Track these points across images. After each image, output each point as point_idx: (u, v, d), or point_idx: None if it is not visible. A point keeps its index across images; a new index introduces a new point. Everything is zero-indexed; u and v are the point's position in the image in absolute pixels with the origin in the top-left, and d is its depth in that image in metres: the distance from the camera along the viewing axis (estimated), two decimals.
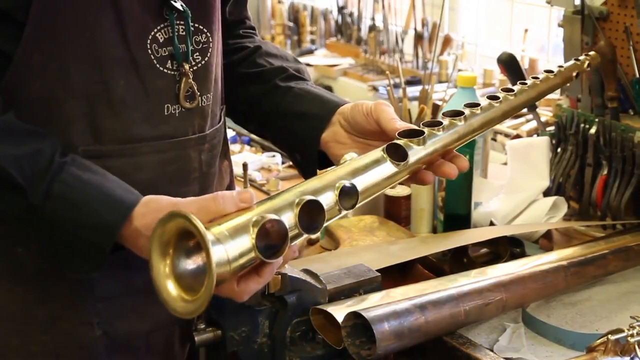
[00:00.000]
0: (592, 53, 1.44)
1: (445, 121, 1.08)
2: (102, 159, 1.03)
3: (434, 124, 1.07)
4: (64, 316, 1.07)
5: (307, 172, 1.22)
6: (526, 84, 1.22)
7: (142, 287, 1.10)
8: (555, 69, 1.31)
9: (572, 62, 1.37)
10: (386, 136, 1.07)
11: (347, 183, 0.95)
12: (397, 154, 1.01)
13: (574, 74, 1.35)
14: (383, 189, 1.01)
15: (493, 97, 1.16)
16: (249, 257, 0.86)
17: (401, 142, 1.03)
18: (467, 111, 1.11)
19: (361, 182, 0.97)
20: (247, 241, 0.85)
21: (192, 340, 1.11)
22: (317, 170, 1.20)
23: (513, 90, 1.19)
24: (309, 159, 1.19)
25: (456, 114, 1.10)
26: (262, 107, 1.25)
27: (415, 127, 1.07)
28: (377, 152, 1.02)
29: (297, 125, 1.21)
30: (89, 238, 0.95)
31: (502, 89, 1.20)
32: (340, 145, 1.15)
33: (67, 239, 0.96)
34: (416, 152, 1.03)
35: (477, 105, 1.13)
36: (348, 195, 0.95)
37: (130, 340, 1.12)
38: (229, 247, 0.84)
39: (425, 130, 1.05)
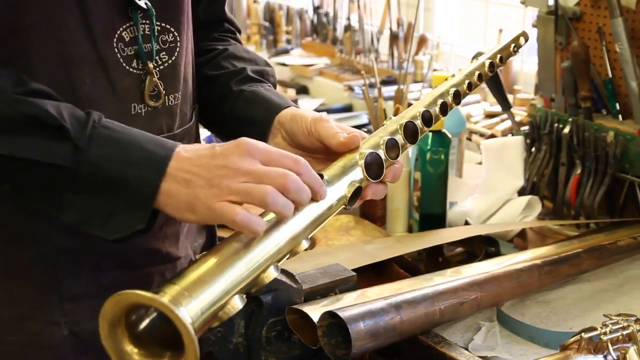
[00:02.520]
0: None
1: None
2: None
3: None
4: (31, 316, 1.07)
5: None
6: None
7: (110, 287, 1.09)
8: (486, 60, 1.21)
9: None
10: (331, 151, 1.02)
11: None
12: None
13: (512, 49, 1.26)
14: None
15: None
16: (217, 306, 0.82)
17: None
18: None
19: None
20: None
21: None
22: None
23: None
24: None
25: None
26: (220, 111, 1.22)
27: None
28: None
29: (246, 132, 1.17)
30: (137, 174, 0.90)
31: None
32: None
33: (113, 183, 0.91)
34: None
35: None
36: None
37: (96, 340, 1.10)
38: (190, 308, 0.79)
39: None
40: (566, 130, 1.69)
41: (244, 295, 0.84)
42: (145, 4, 1.05)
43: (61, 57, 1.00)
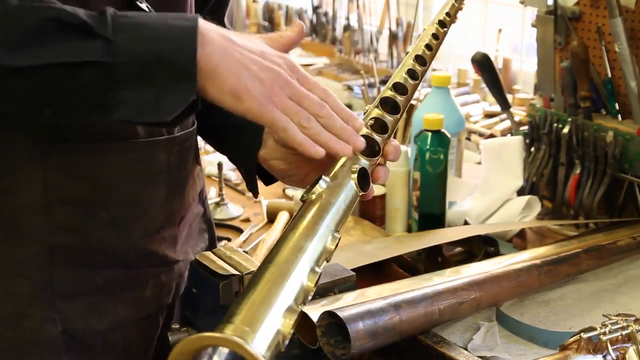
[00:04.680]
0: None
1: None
2: (68, 155, 1.02)
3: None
4: (28, 313, 1.07)
5: (251, 186, 1.20)
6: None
7: (102, 286, 1.09)
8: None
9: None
10: None
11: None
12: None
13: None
14: None
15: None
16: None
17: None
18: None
19: None
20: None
21: (167, 341, 1.10)
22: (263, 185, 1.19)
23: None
24: (250, 173, 1.17)
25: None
26: (213, 118, 1.21)
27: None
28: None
29: (238, 137, 1.17)
30: (171, 47, 0.87)
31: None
32: (280, 162, 1.10)
33: (150, 65, 0.88)
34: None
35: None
36: None
37: (87, 338, 1.11)
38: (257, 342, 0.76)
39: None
40: (565, 130, 1.69)
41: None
42: (147, 7, 1.04)
43: None
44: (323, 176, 0.94)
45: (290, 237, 0.87)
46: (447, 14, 1.23)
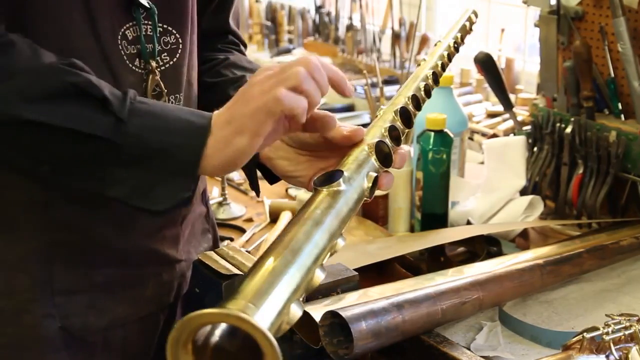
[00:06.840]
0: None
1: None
2: None
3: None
4: (28, 309, 1.07)
5: (253, 185, 1.20)
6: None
7: (102, 284, 1.10)
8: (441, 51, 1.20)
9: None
10: (333, 146, 1.01)
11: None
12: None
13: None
14: None
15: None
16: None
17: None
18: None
19: None
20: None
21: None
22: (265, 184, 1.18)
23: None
24: (252, 171, 1.16)
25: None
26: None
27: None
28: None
29: None
30: (179, 142, 0.90)
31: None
32: (286, 162, 1.09)
33: (155, 154, 0.91)
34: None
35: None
36: None
37: (86, 336, 1.11)
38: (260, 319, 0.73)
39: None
40: (568, 130, 1.69)
41: (301, 300, 0.82)
42: (148, 3, 1.05)
43: (65, 49, 0.99)
44: (345, 172, 0.92)
45: (303, 227, 0.85)
46: (462, 37, 1.22)
